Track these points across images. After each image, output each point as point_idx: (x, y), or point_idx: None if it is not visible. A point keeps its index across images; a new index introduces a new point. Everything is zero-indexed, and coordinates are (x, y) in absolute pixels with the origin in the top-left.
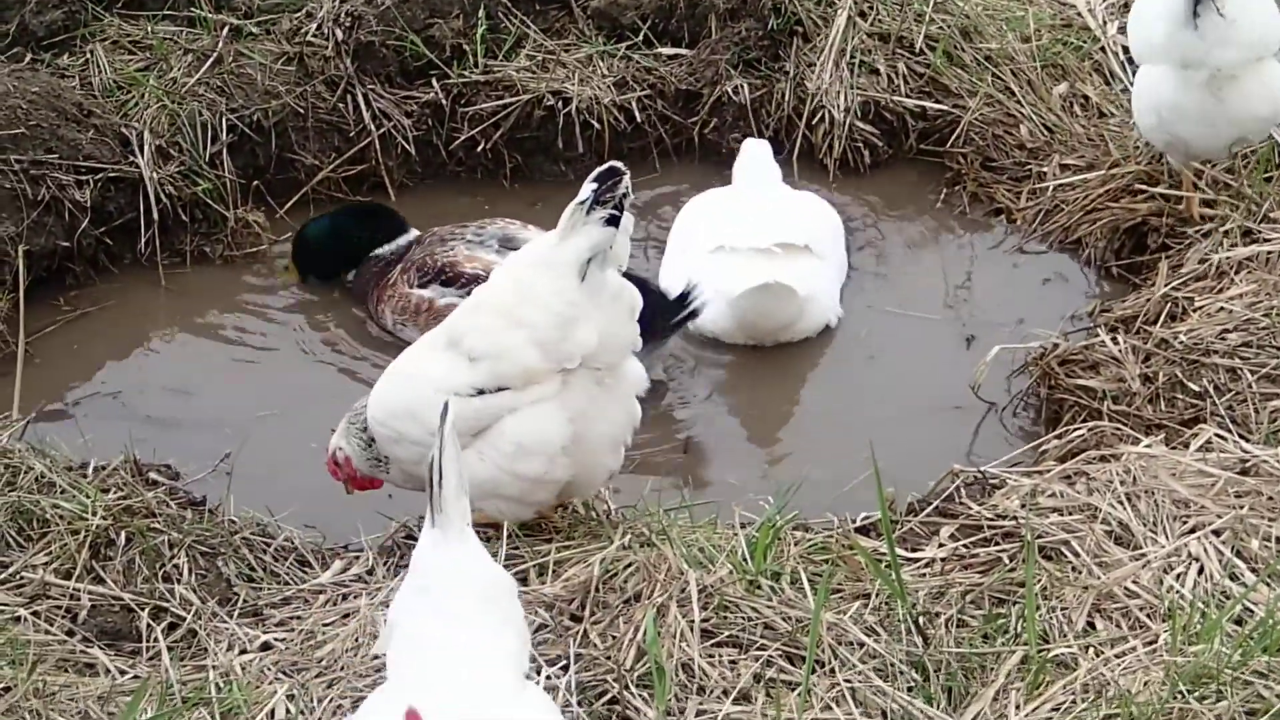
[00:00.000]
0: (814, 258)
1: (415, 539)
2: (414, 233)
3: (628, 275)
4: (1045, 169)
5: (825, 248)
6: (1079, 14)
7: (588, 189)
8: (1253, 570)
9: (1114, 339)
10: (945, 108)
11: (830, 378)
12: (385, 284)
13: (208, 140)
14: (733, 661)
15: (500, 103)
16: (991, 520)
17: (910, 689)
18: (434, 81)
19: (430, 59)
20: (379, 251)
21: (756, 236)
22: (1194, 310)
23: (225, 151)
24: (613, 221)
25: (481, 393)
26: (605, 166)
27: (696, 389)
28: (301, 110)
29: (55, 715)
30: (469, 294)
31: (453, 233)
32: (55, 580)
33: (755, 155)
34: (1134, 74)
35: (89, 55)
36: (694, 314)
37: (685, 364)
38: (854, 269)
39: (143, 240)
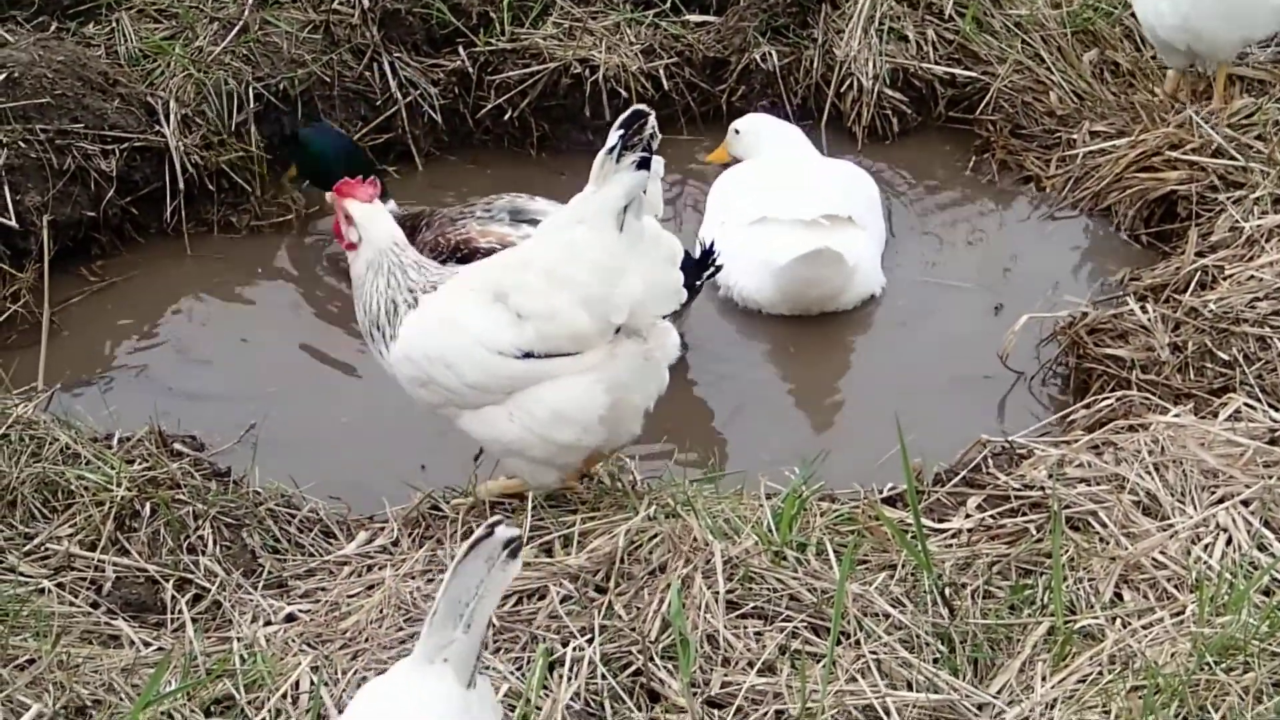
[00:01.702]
0: (857, 228)
1: (440, 510)
2: (391, 203)
3: None
4: (1075, 136)
5: (867, 218)
6: None
7: (614, 136)
8: None
9: (1143, 307)
10: (974, 75)
11: (861, 348)
12: None
13: (234, 109)
14: (758, 633)
15: (527, 71)
16: (1019, 490)
17: (936, 660)
18: (460, 49)
19: (457, 26)
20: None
21: (801, 207)
22: (1224, 278)
23: (251, 120)
24: (643, 165)
25: (529, 355)
26: (630, 111)
27: (727, 358)
28: (328, 79)
29: (79, 687)
30: None
31: (462, 211)
32: (80, 552)
33: (761, 129)
34: None
35: (115, 24)
36: (716, 270)
37: (718, 334)
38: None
39: (169, 210)
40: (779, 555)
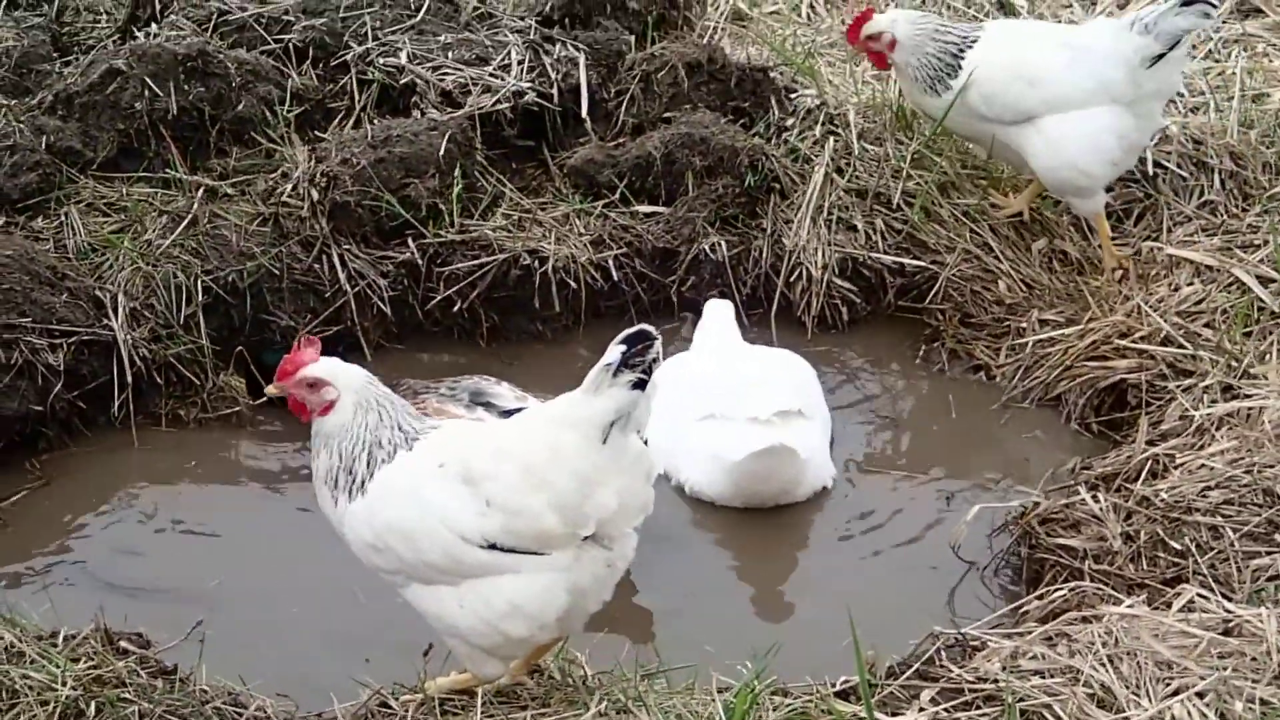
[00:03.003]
0: (807, 420)
1: (389, 707)
2: None
3: None
4: (1024, 325)
5: (813, 408)
6: None
7: (615, 352)
8: None
9: (1095, 497)
10: (923, 264)
11: (811, 538)
12: None
13: (182, 302)
14: None
15: (476, 262)
16: (972, 683)
17: None
18: (410, 241)
19: (406, 218)
20: None
21: (751, 405)
22: (1175, 467)
23: (200, 313)
24: (639, 385)
25: (493, 547)
26: (635, 330)
27: (676, 550)
28: (277, 271)
29: None
30: None
31: (426, 385)
32: None
33: (717, 315)
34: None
35: (63, 217)
36: None
37: (668, 524)
38: (835, 427)
39: (116, 403)
40: None
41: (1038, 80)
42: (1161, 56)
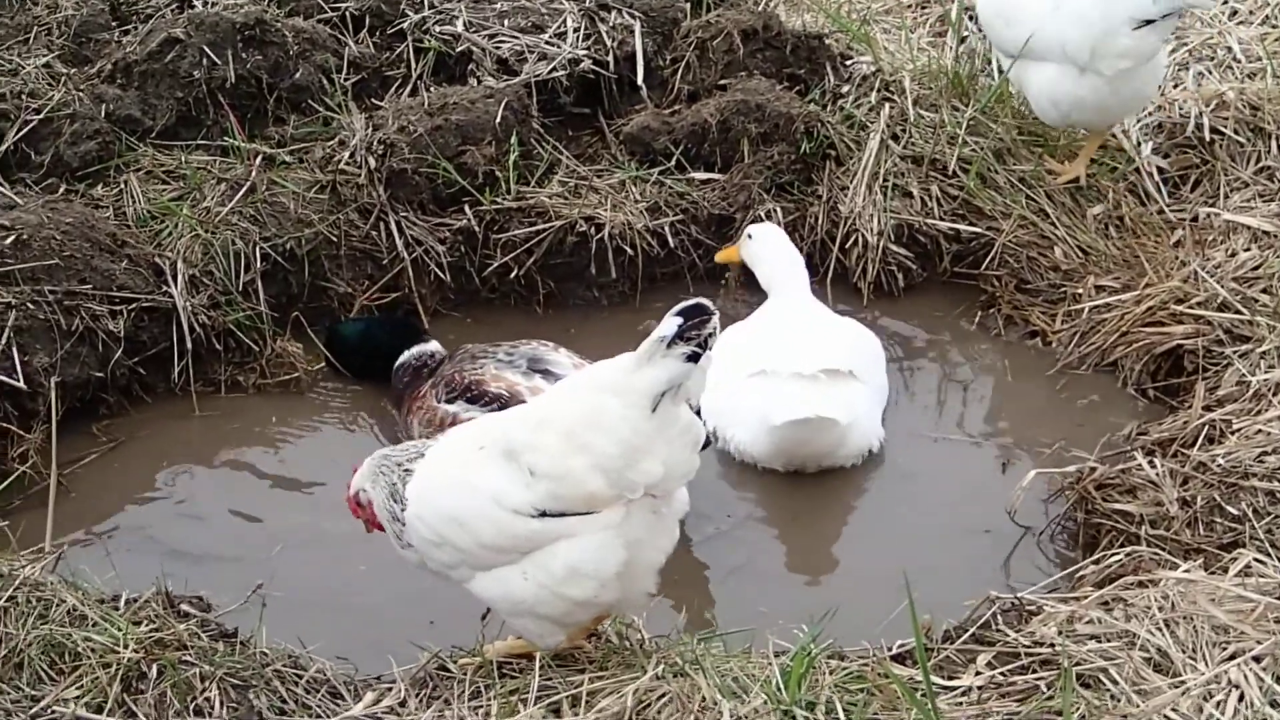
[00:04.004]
0: (857, 383)
1: (448, 670)
2: (434, 344)
3: None
4: (1080, 291)
5: (869, 373)
6: (1113, 135)
7: (671, 324)
8: None
9: (1151, 462)
10: (979, 230)
11: (867, 503)
12: (418, 394)
13: (241, 269)
14: None
15: (533, 229)
16: (1029, 647)
17: None
18: (466, 208)
19: (463, 186)
20: (402, 359)
21: (800, 361)
22: (1232, 433)
23: (259, 280)
24: (693, 358)
25: (544, 514)
26: (692, 303)
27: (733, 514)
28: (334, 238)
29: None
30: (498, 410)
31: (485, 350)
32: (86, 714)
33: (771, 242)
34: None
35: (123, 185)
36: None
37: (723, 488)
38: (890, 392)
39: (176, 370)
40: (788, 714)
41: (1013, 21)
42: (1150, 23)
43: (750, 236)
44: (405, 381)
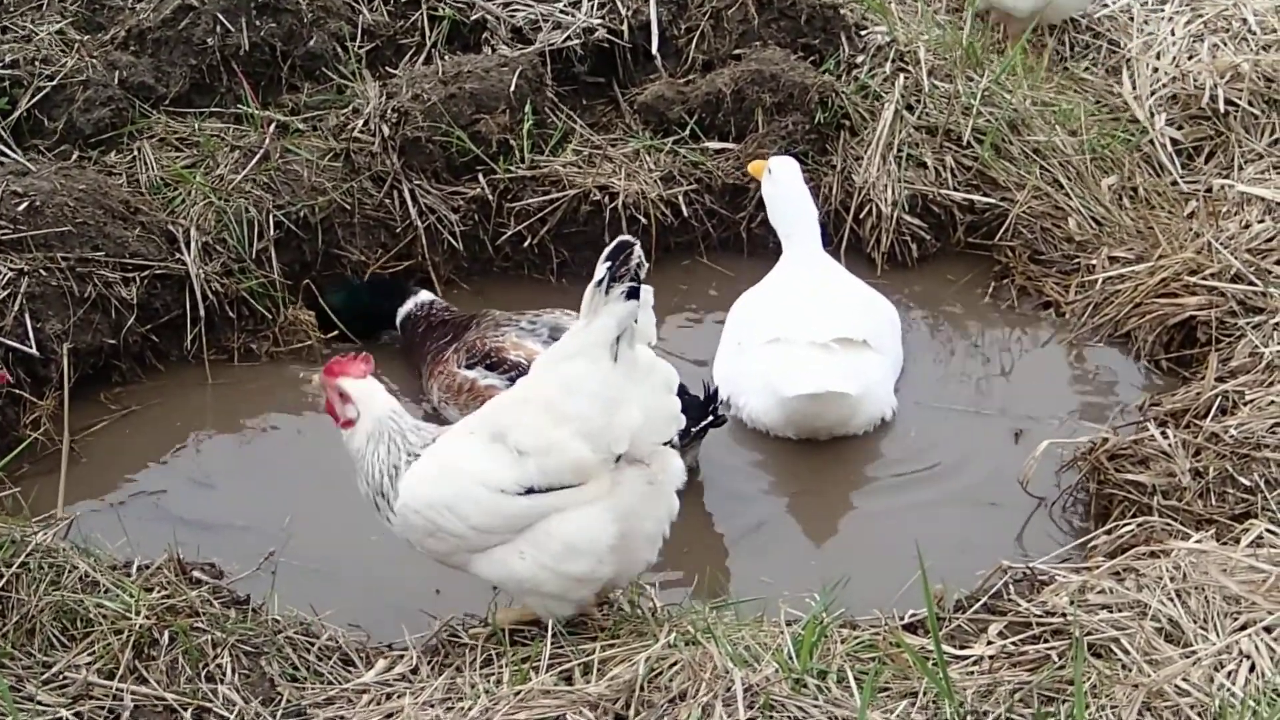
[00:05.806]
0: (871, 352)
1: (459, 638)
2: (424, 293)
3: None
4: (1094, 262)
5: (884, 342)
6: (1127, 106)
7: (602, 268)
8: None
9: (1164, 433)
10: (993, 201)
11: (879, 472)
12: (440, 360)
13: (254, 237)
14: None
15: (547, 198)
16: (1040, 617)
17: None
18: (480, 177)
19: (476, 154)
20: (407, 309)
21: (815, 330)
22: (1244, 404)
23: (272, 248)
24: (633, 294)
25: (530, 491)
26: (615, 242)
27: (744, 482)
28: (348, 206)
29: None
30: (512, 381)
31: (510, 319)
32: (98, 680)
33: (784, 179)
34: None
35: (136, 152)
36: (719, 421)
37: (731, 458)
38: (904, 362)
39: (189, 337)
40: (799, 683)
41: None
42: None
43: (770, 171)
44: (420, 331)
